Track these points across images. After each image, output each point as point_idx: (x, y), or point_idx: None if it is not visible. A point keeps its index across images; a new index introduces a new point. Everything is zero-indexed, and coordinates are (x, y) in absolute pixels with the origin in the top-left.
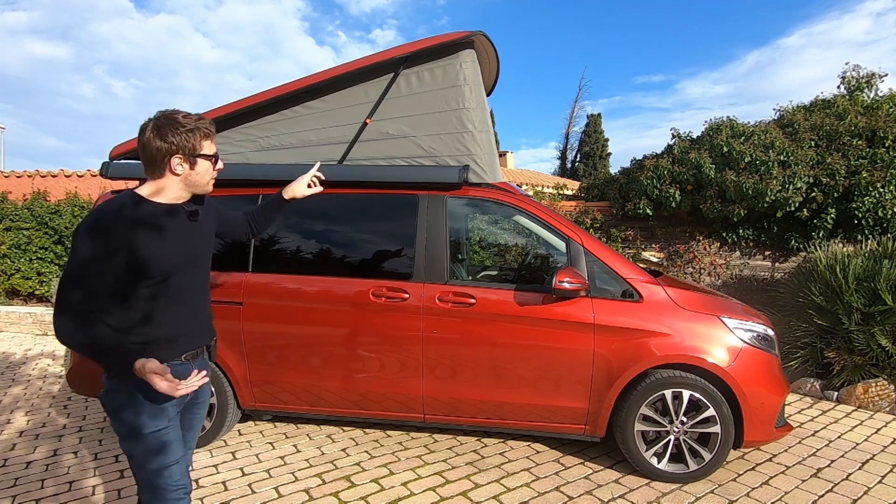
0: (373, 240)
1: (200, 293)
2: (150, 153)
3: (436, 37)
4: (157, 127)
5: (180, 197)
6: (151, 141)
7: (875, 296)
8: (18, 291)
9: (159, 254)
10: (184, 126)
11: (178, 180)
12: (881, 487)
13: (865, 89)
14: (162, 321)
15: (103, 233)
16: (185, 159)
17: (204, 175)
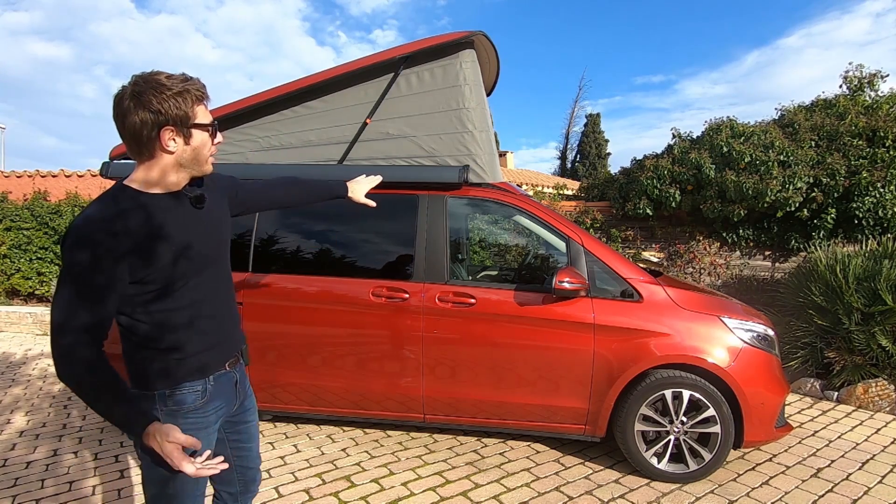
0: (373, 240)
1: (226, 291)
2: (134, 128)
3: (436, 37)
4: (136, 94)
5: (178, 182)
6: (132, 112)
7: (875, 296)
8: (19, 291)
9: (172, 255)
10: (170, 89)
11: (172, 160)
12: (881, 487)
13: (867, 89)
14: (199, 328)
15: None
16: (177, 132)
17: (201, 150)
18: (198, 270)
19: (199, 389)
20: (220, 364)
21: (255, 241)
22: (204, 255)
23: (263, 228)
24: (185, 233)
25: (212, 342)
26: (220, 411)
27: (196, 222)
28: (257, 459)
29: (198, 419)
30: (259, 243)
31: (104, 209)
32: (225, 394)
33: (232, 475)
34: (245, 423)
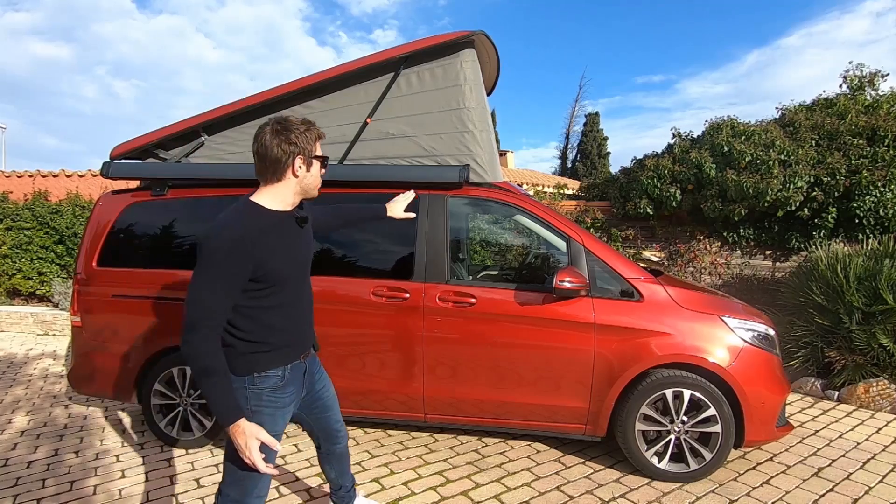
0: (373, 239)
1: (307, 298)
2: (274, 157)
3: (436, 36)
4: (276, 132)
5: (293, 202)
6: (274, 146)
7: (876, 295)
8: (20, 291)
9: (282, 262)
10: (299, 128)
11: (295, 183)
12: (882, 487)
13: (867, 88)
14: (284, 326)
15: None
16: (304, 161)
17: (316, 178)
18: (291, 277)
19: (280, 375)
20: (297, 356)
21: None
22: (298, 265)
23: None
24: (289, 245)
25: (292, 338)
26: (293, 395)
27: (297, 238)
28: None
29: (277, 399)
30: None
31: (239, 219)
32: (297, 381)
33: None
34: (321, 397)
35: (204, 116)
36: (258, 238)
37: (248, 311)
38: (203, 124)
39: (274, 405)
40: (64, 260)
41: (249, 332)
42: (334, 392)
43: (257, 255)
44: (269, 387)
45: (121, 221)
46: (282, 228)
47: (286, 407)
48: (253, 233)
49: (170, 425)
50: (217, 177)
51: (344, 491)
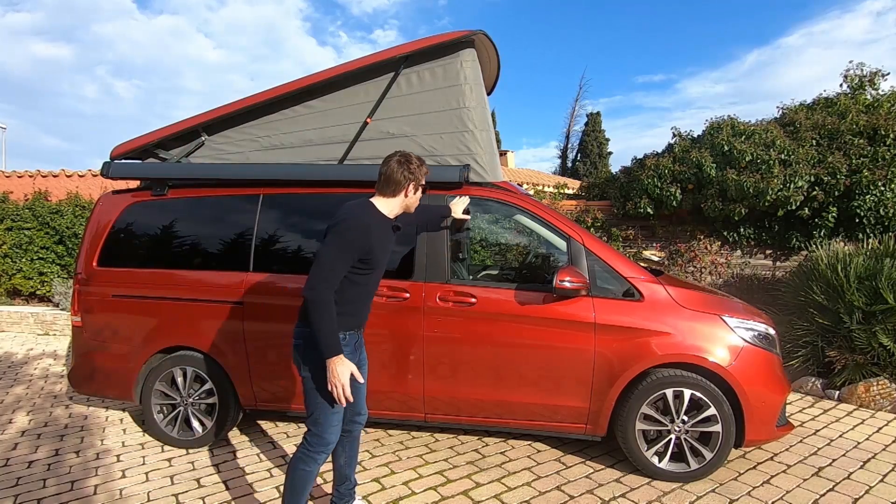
0: None
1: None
2: (396, 180)
3: (436, 36)
4: (400, 162)
5: (396, 213)
6: (398, 172)
7: (876, 295)
8: (20, 291)
9: (381, 253)
10: (417, 162)
11: (403, 200)
12: (882, 486)
13: (868, 87)
14: (361, 301)
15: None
16: (415, 187)
17: (416, 199)
18: (377, 268)
19: (342, 338)
20: (357, 326)
21: (255, 240)
22: (383, 261)
23: (264, 228)
24: (384, 243)
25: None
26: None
27: (389, 240)
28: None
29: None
30: (259, 243)
31: (365, 211)
32: (352, 348)
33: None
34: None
35: (204, 116)
36: (372, 228)
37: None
38: (203, 124)
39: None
40: (64, 260)
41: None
42: (367, 374)
43: (370, 240)
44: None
45: (121, 221)
46: (384, 228)
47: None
48: (371, 223)
49: (170, 425)
50: (217, 177)
51: (348, 486)
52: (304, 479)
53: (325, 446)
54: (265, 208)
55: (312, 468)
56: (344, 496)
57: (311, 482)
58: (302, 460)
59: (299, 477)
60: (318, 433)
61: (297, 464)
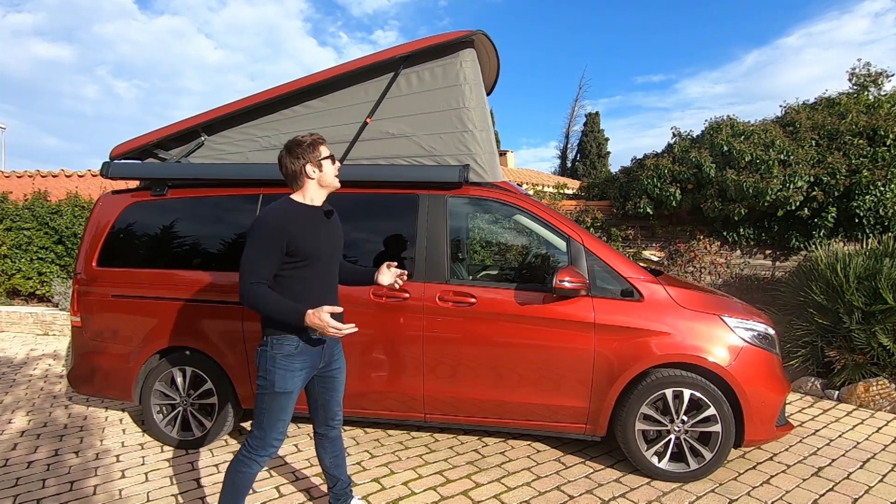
0: (373, 239)
1: (330, 281)
2: (292, 170)
3: (436, 36)
4: (289, 151)
5: (321, 198)
6: (290, 163)
7: (876, 294)
8: (19, 291)
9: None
10: (304, 143)
11: (316, 184)
12: (882, 486)
13: (872, 87)
14: (307, 298)
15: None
16: (314, 166)
17: (330, 175)
18: (321, 258)
19: (294, 344)
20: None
21: None
22: (325, 248)
23: None
24: (316, 231)
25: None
26: (306, 364)
27: (324, 227)
28: (338, 406)
29: (288, 364)
30: None
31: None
32: (313, 352)
33: (318, 413)
34: (333, 377)
35: (204, 116)
36: (292, 221)
37: (282, 280)
38: (203, 124)
39: (285, 368)
40: (64, 260)
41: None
42: (345, 378)
43: (289, 230)
44: (281, 353)
45: (121, 221)
46: (311, 218)
47: (296, 371)
48: (289, 216)
49: (170, 425)
50: (217, 177)
51: (341, 486)
52: (245, 482)
53: (267, 449)
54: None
55: (254, 470)
56: (340, 497)
57: (251, 484)
58: (244, 463)
59: (241, 479)
60: (263, 437)
61: (238, 466)
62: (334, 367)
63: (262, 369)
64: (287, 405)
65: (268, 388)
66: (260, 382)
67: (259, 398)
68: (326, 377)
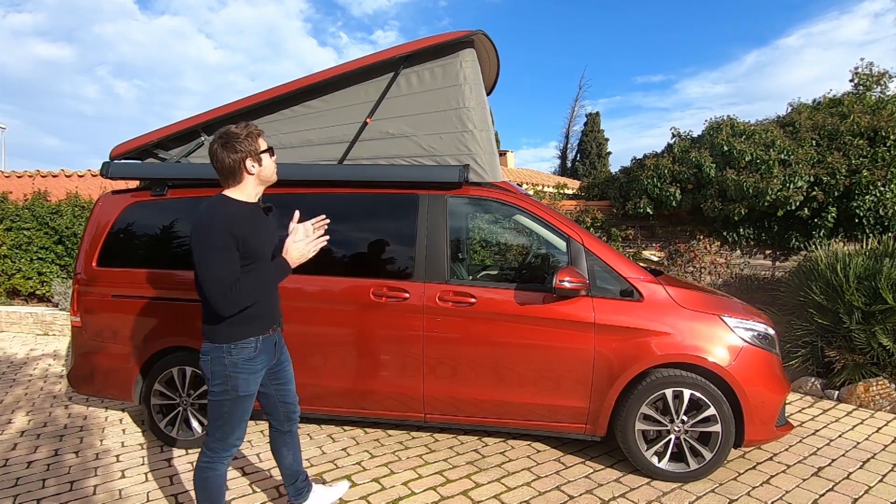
0: (373, 239)
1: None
2: (229, 166)
3: (436, 36)
4: (223, 145)
5: (257, 194)
6: (227, 157)
7: (876, 295)
8: (19, 291)
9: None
10: (240, 135)
11: (254, 179)
12: (882, 486)
13: (875, 88)
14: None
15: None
16: (254, 160)
17: (269, 168)
18: (262, 258)
19: (253, 346)
20: (267, 329)
21: None
22: (267, 247)
23: None
24: (260, 229)
25: (263, 311)
26: (263, 363)
27: (265, 226)
28: (294, 396)
29: (250, 367)
30: None
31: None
32: (268, 351)
33: (277, 409)
34: (283, 370)
35: (204, 116)
36: (234, 224)
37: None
38: (203, 124)
39: (248, 371)
40: (64, 260)
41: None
42: (292, 370)
43: (237, 233)
44: (243, 357)
45: (121, 221)
46: (252, 216)
47: (258, 372)
48: (230, 220)
49: (170, 425)
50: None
51: (302, 480)
52: (217, 484)
53: (230, 450)
54: None
55: (222, 471)
56: (301, 490)
57: (224, 484)
58: (211, 468)
59: (212, 483)
60: (224, 439)
61: (205, 473)
62: (283, 360)
63: (219, 376)
64: (249, 407)
65: (230, 393)
66: (217, 389)
67: (218, 404)
68: (278, 371)
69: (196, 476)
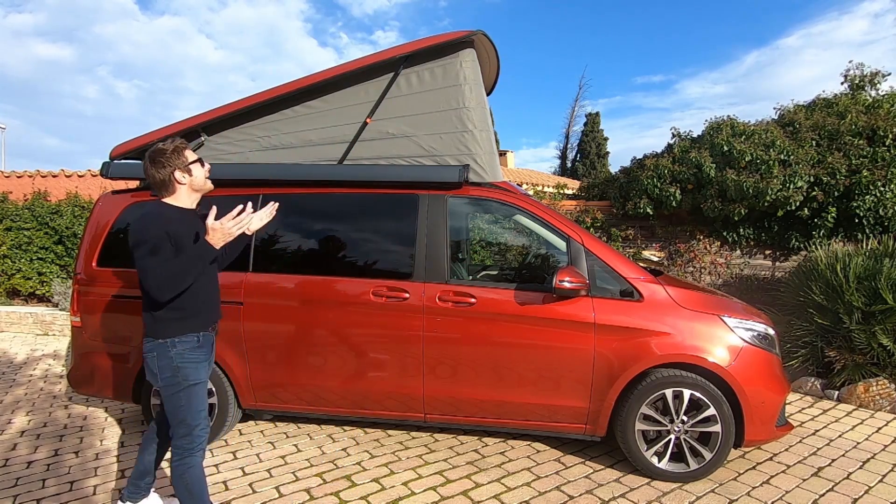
0: (373, 239)
1: (213, 280)
2: (160, 179)
3: (436, 36)
4: (154, 161)
5: (193, 201)
6: (157, 172)
7: (876, 295)
8: (19, 291)
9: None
10: (167, 151)
11: (187, 189)
12: (882, 486)
13: (868, 88)
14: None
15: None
16: (183, 171)
17: (200, 177)
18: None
19: (195, 340)
20: (207, 327)
21: (254, 240)
22: None
23: (263, 228)
24: (192, 231)
25: (202, 309)
26: (208, 354)
27: (201, 229)
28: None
29: (196, 356)
30: (259, 243)
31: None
32: (208, 347)
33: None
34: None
35: (203, 116)
36: (168, 224)
37: None
38: (203, 124)
39: (194, 360)
40: (63, 260)
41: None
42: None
43: (171, 230)
44: (188, 348)
45: (120, 221)
46: (186, 219)
47: (203, 362)
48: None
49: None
50: (216, 177)
51: (147, 482)
52: (197, 476)
53: (199, 441)
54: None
55: (197, 464)
56: (141, 489)
57: (204, 477)
58: (185, 463)
59: (192, 478)
60: (188, 433)
61: (181, 469)
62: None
63: (168, 369)
64: (203, 395)
65: (181, 384)
66: (167, 383)
67: (173, 398)
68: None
69: (173, 476)
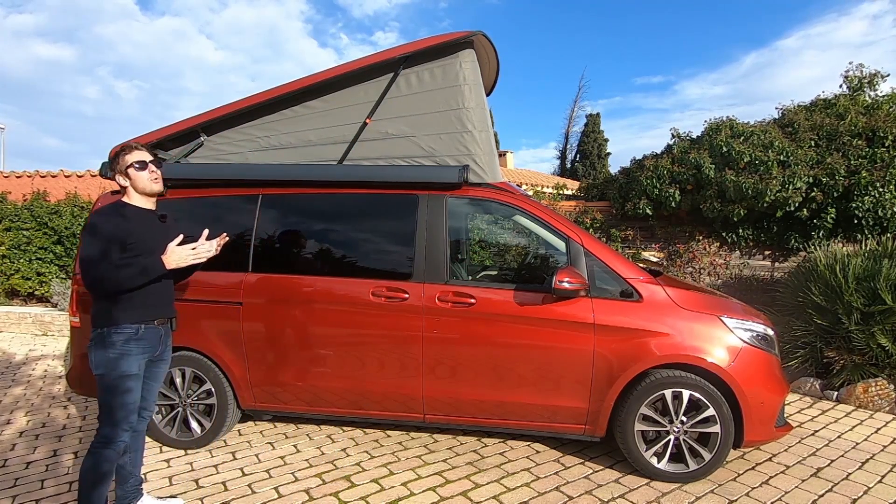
0: (373, 240)
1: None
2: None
3: (435, 36)
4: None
5: (144, 202)
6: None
7: (875, 295)
8: (18, 292)
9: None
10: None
11: (129, 189)
12: (881, 487)
13: (867, 89)
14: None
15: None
16: (123, 175)
17: (142, 179)
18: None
19: (133, 331)
20: (151, 320)
21: (254, 240)
22: (159, 248)
23: (263, 228)
24: (148, 231)
25: (147, 303)
26: (145, 349)
27: (157, 229)
28: (153, 398)
29: (130, 349)
30: (259, 243)
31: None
32: (151, 340)
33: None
34: (157, 368)
35: (203, 117)
36: (123, 219)
37: None
38: (202, 125)
39: (127, 353)
40: (63, 260)
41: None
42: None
43: (122, 226)
44: (121, 338)
45: None
46: (141, 218)
47: (137, 355)
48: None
49: (169, 426)
50: (216, 177)
51: (133, 483)
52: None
53: (122, 435)
54: (264, 209)
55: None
56: (129, 495)
57: (112, 473)
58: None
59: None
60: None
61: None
62: (164, 357)
63: (102, 360)
64: (136, 389)
65: (113, 374)
66: (100, 372)
67: (106, 389)
68: (153, 367)
69: (84, 461)
